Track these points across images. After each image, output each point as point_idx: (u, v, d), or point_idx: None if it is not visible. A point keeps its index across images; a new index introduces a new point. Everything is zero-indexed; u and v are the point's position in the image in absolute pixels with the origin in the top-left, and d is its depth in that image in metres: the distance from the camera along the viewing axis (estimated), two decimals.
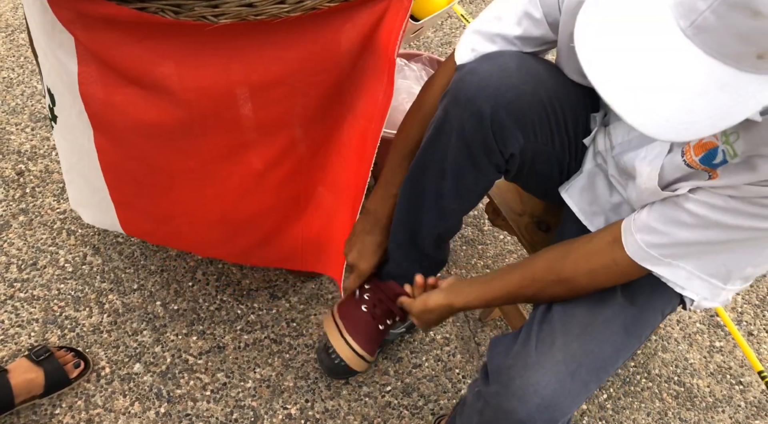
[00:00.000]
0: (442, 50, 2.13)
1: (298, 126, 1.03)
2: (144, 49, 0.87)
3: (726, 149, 0.72)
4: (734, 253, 0.78)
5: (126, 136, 1.00)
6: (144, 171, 1.08)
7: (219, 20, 0.84)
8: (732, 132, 0.71)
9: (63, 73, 0.92)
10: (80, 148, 1.07)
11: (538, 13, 0.91)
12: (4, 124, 1.80)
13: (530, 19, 0.92)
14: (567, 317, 0.90)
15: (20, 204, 1.62)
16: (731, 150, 0.71)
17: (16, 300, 1.44)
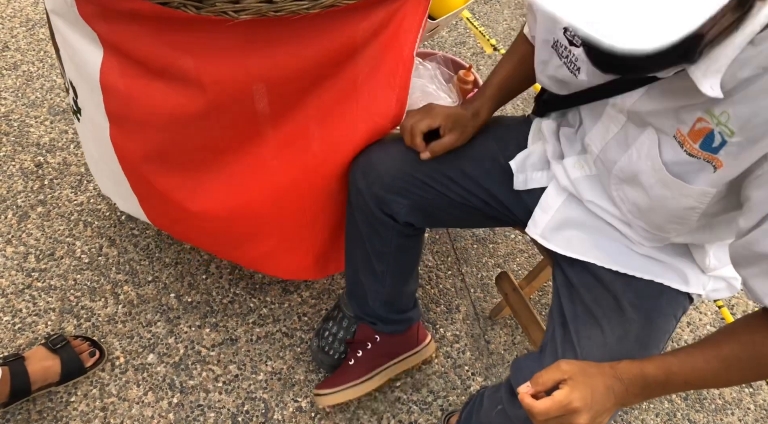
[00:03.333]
0: (456, 50, 2.14)
1: (313, 123, 1.04)
2: (165, 43, 0.89)
3: (721, 130, 0.71)
4: None
5: (141, 131, 1.02)
6: (156, 169, 1.09)
7: (239, 16, 0.86)
8: (720, 112, 0.70)
9: (84, 66, 0.94)
10: (101, 141, 1.09)
11: None
12: (24, 117, 1.83)
13: None
14: (585, 339, 0.89)
15: (38, 195, 1.64)
16: (726, 129, 0.71)
17: (34, 289, 1.46)
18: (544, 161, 1.04)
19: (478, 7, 2.26)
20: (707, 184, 0.75)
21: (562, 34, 0.88)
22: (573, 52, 0.87)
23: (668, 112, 0.77)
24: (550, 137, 1.03)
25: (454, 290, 1.59)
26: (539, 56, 0.95)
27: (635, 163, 0.83)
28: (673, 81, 0.74)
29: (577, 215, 0.98)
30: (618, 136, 0.86)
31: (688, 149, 0.75)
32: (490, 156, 1.06)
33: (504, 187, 1.05)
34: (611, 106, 0.86)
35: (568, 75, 0.90)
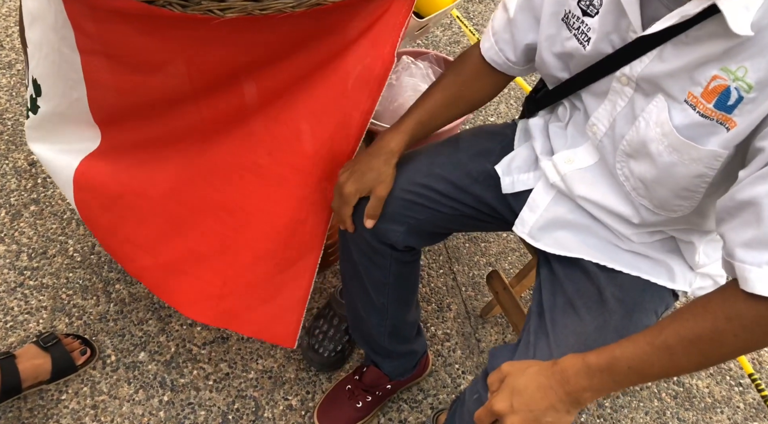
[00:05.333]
0: (450, 49, 2.14)
1: (303, 120, 1.04)
2: (151, 41, 0.89)
3: (738, 85, 0.69)
4: None
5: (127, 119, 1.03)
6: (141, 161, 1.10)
7: (225, 14, 0.86)
8: (737, 67, 0.69)
9: (62, 63, 0.94)
10: (65, 133, 1.10)
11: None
12: (18, 115, 1.84)
13: None
14: (560, 327, 0.89)
15: (32, 194, 1.65)
16: (744, 84, 0.69)
17: (26, 288, 1.47)
18: (531, 163, 1.04)
19: (472, 7, 2.26)
20: (719, 145, 0.74)
21: (575, 4, 0.86)
22: (586, 22, 0.85)
23: (681, 73, 0.75)
24: (539, 134, 1.03)
25: (446, 289, 1.59)
26: (545, 31, 0.92)
27: (643, 132, 0.81)
28: (689, 34, 0.72)
29: (566, 212, 0.98)
30: (625, 109, 0.84)
31: (701, 110, 0.73)
32: (476, 164, 1.06)
33: (492, 192, 1.05)
34: (617, 79, 0.84)
35: (576, 46, 0.88)
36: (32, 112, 1.07)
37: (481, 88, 1.05)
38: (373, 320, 1.19)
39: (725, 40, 0.69)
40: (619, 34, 0.82)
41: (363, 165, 0.99)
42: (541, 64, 0.96)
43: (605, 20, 0.82)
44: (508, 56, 0.98)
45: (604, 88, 0.87)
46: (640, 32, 0.78)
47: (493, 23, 0.99)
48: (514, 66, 1.00)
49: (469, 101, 1.06)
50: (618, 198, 0.91)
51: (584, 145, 0.95)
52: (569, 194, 0.97)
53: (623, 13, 0.78)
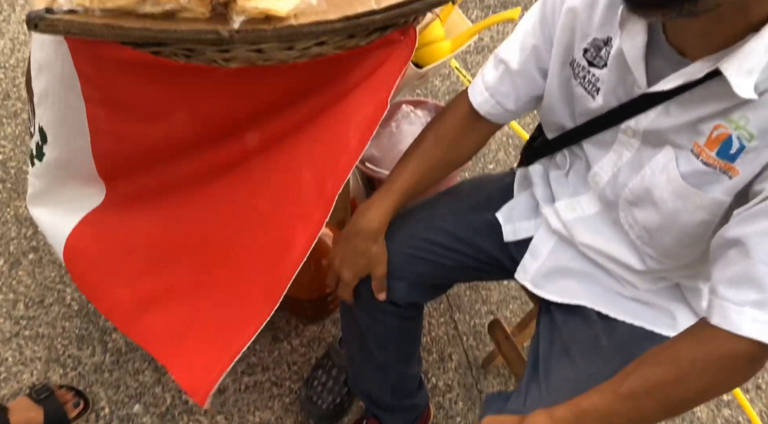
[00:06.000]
0: (449, 98, 2.18)
1: (305, 169, 1.04)
2: (156, 91, 0.91)
3: (740, 134, 0.70)
4: None
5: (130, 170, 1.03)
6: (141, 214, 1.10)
7: (229, 65, 0.88)
8: (739, 117, 0.70)
9: (67, 112, 0.96)
10: (67, 178, 1.10)
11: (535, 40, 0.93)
12: (21, 164, 1.85)
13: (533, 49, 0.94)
14: (554, 374, 0.88)
15: (31, 242, 1.64)
16: (746, 133, 0.70)
17: (21, 338, 1.44)
18: (531, 210, 1.04)
19: (470, 57, 2.32)
20: (722, 193, 0.74)
21: (581, 55, 0.87)
22: (594, 73, 0.86)
23: (686, 126, 0.76)
24: (540, 181, 1.03)
25: (447, 338, 1.57)
26: (556, 79, 0.93)
27: (648, 179, 0.81)
28: (694, 93, 0.74)
29: (568, 260, 0.97)
30: (632, 160, 0.85)
31: (704, 158, 0.74)
32: (477, 214, 1.06)
33: (494, 242, 1.04)
34: (623, 132, 0.85)
35: (583, 95, 0.89)
36: (37, 160, 1.08)
37: (466, 146, 1.04)
38: (374, 375, 1.17)
39: (729, 99, 0.70)
40: (624, 88, 0.83)
41: (353, 249, 0.99)
42: (548, 111, 0.97)
43: (612, 74, 0.84)
44: (507, 107, 0.98)
45: (609, 139, 0.88)
46: (644, 89, 0.79)
47: (485, 78, 0.99)
48: (512, 115, 1.00)
49: (453, 162, 1.05)
50: (622, 246, 0.91)
51: (587, 195, 0.95)
52: (571, 241, 0.96)
53: (629, 70, 0.80)
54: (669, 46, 0.75)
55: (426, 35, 1.22)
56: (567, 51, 0.89)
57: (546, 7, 0.91)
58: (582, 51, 0.87)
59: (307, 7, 0.83)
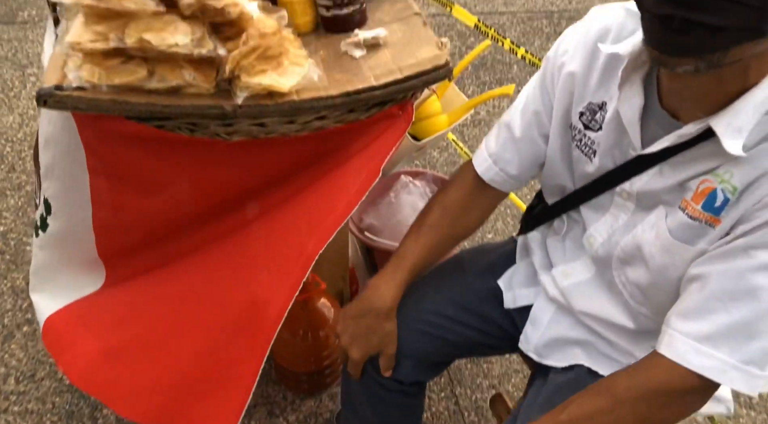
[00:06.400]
0: (447, 169, 2.22)
1: (305, 235, 1.04)
2: (159, 163, 0.92)
3: (725, 187, 0.73)
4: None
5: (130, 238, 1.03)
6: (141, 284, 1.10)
7: (231, 138, 0.90)
8: (724, 171, 0.73)
9: (72, 184, 0.97)
10: (68, 254, 1.10)
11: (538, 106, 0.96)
12: (22, 235, 1.86)
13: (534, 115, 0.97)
14: (532, 419, 0.86)
15: (26, 314, 1.62)
16: (730, 186, 0.72)
17: (10, 414, 1.40)
18: (531, 277, 1.04)
19: (467, 130, 2.37)
20: (707, 243, 0.76)
21: (577, 119, 0.90)
22: (590, 136, 0.89)
23: (678, 186, 0.79)
24: (538, 249, 1.04)
25: (448, 414, 1.52)
26: (557, 143, 0.95)
27: (639, 237, 0.83)
28: (686, 154, 0.77)
29: (567, 329, 0.97)
30: (627, 222, 0.87)
31: (690, 212, 0.76)
32: (481, 281, 1.06)
33: (498, 310, 1.04)
34: (618, 194, 0.87)
35: (581, 157, 0.91)
36: (41, 231, 1.08)
37: (473, 216, 1.05)
38: None
39: (718, 158, 0.73)
40: (620, 151, 0.86)
41: (365, 328, 0.97)
42: (550, 175, 0.98)
43: (608, 137, 0.86)
44: (510, 173, 1.00)
45: (605, 202, 0.90)
46: (639, 151, 0.82)
47: (488, 145, 1.01)
48: (515, 182, 1.02)
49: (460, 235, 1.06)
50: (617, 308, 0.91)
51: (581, 259, 0.96)
52: (569, 309, 0.97)
53: (624, 132, 0.83)
54: (663, 110, 0.79)
55: (424, 109, 1.26)
56: (566, 114, 0.92)
57: (546, 73, 0.94)
58: (578, 114, 0.90)
59: (308, 83, 0.86)
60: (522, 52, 1.56)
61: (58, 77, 0.83)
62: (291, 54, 0.85)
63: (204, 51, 0.79)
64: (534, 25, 2.90)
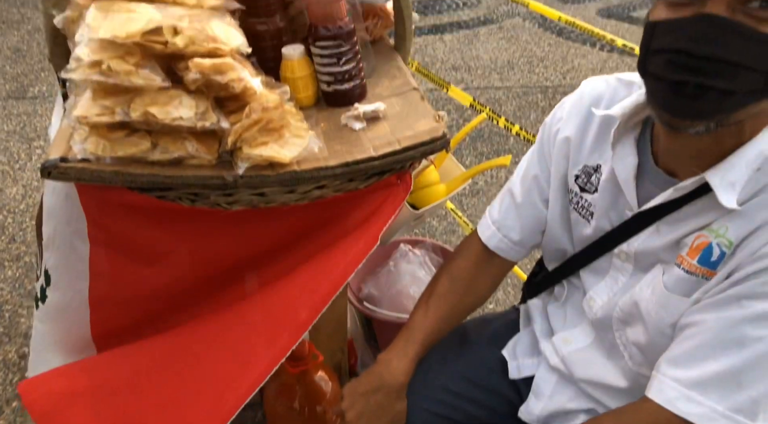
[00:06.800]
0: (446, 238, 2.22)
1: (299, 303, 1.03)
2: (159, 232, 0.93)
3: (720, 242, 0.73)
4: (760, 377, 0.72)
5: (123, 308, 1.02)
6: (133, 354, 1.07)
7: (232, 207, 0.91)
8: (719, 226, 0.74)
9: (71, 254, 0.97)
10: (63, 330, 1.08)
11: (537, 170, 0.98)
12: (17, 307, 1.84)
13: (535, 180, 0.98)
14: None
15: (16, 389, 1.58)
16: (725, 241, 0.73)
17: None
18: (533, 346, 1.02)
19: (466, 199, 2.40)
20: (703, 293, 0.76)
21: (573, 182, 0.92)
22: (586, 198, 0.90)
23: (674, 243, 0.80)
24: (539, 317, 1.03)
25: None
26: (555, 207, 0.96)
27: (636, 295, 0.83)
28: (681, 211, 0.78)
29: (568, 401, 0.96)
30: (626, 284, 0.87)
31: (686, 267, 0.77)
32: (487, 351, 1.05)
33: (504, 380, 1.03)
34: (617, 256, 0.87)
35: (578, 219, 0.93)
36: (41, 302, 1.07)
37: (482, 286, 1.05)
38: None
39: (714, 212, 0.75)
40: (616, 211, 0.87)
41: (375, 406, 0.95)
42: (550, 239, 0.99)
43: (604, 198, 0.88)
44: (513, 239, 1.00)
45: (604, 265, 0.90)
46: (635, 209, 0.83)
47: (492, 212, 1.03)
48: (519, 249, 1.02)
49: (470, 305, 1.05)
50: (616, 373, 0.90)
51: (581, 326, 0.95)
52: (571, 378, 0.96)
53: (620, 192, 0.85)
54: (657, 168, 0.81)
55: (422, 179, 1.28)
56: (563, 179, 0.94)
57: (542, 139, 0.97)
58: (574, 177, 0.92)
59: (309, 154, 0.87)
60: (516, 129, 1.60)
61: (63, 150, 0.85)
62: (292, 126, 0.87)
63: (207, 124, 0.81)
64: (529, 100, 2.99)
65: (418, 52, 3.33)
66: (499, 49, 3.40)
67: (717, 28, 0.64)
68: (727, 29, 0.63)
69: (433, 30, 3.54)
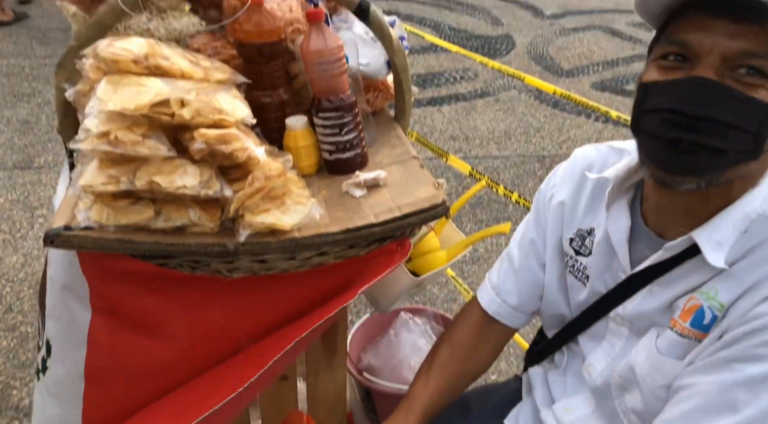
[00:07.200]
0: (447, 306, 2.20)
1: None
2: (158, 301, 0.92)
3: (711, 305, 0.74)
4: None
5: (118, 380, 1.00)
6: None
7: (232, 275, 0.91)
8: (710, 288, 0.75)
9: (72, 323, 0.96)
10: (66, 401, 1.05)
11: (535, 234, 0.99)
12: (9, 378, 1.80)
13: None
14: None
15: None
16: (717, 303, 0.74)
17: None
18: (536, 416, 1.00)
19: (466, 267, 2.39)
20: (695, 355, 0.76)
21: (568, 245, 0.93)
22: (581, 261, 0.91)
23: (667, 305, 0.80)
24: (540, 385, 1.02)
25: None
26: (552, 271, 0.97)
27: (632, 359, 0.83)
28: (673, 272, 0.79)
29: None
30: (623, 349, 0.87)
31: (678, 330, 0.77)
32: (490, 421, 1.03)
33: None
34: (612, 320, 0.88)
35: (574, 282, 0.93)
36: (42, 374, 1.05)
37: (483, 354, 1.04)
38: None
39: (704, 273, 0.76)
40: (611, 274, 0.88)
41: None
42: (548, 304, 0.99)
43: (598, 261, 0.89)
44: (511, 303, 1.00)
45: (601, 330, 0.90)
46: (629, 271, 0.84)
47: (491, 277, 1.04)
48: (518, 314, 1.01)
49: (471, 374, 1.04)
50: None
51: (582, 394, 0.94)
52: None
53: (614, 254, 0.86)
54: (648, 229, 0.83)
55: (422, 246, 1.28)
56: (558, 243, 0.96)
57: (538, 205, 0.99)
58: (569, 241, 0.93)
59: (310, 221, 0.88)
60: (515, 196, 1.62)
61: (67, 218, 0.86)
62: (294, 194, 0.89)
63: (211, 192, 0.82)
64: (527, 168, 3.04)
65: (417, 122, 3.41)
66: (496, 120, 3.49)
67: (708, 90, 0.67)
68: (717, 92, 0.67)
69: (431, 102, 3.65)
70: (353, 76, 1.04)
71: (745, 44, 0.67)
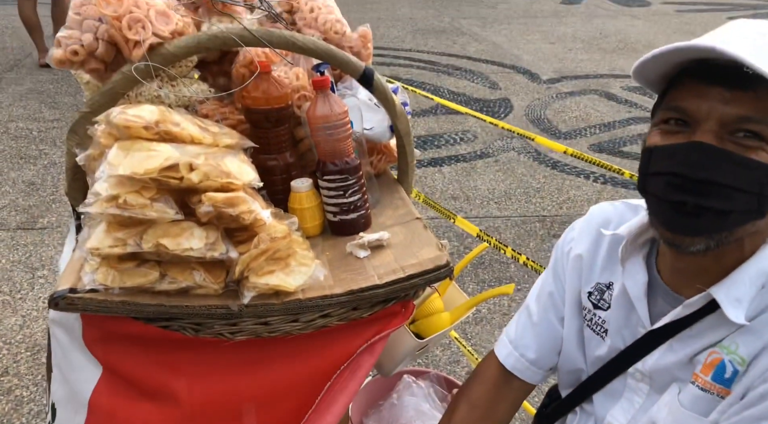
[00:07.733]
0: (450, 368, 2.16)
1: None
2: (160, 364, 0.91)
3: (732, 358, 0.74)
4: None
5: None
6: None
7: (235, 337, 0.90)
8: (730, 343, 0.75)
9: (76, 384, 0.95)
10: None
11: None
12: None
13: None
14: None
15: None
16: (738, 358, 0.74)
17: None
18: None
19: (469, 328, 2.36)
20: (719, 414, 0.75)
21: (586, 298, 0.93)
22: (599, 315, 0.91)
23: (688, 360, 0.80)
24: None
25: None
26: (570, 326, 0.96)
27: (654, 415, 0.82)
28: (693, 328, 0.79)
29: None
30: (643, 406, 0.86)
31: (700, 384, 0.77)
32: None
33: None
34: (632, 376, 0.87)
35: (593, 336, 0.92)
36: None
37: (501, 411, 1.02)
38: None
39: (724, 329, 0.76)
40: (629, 329, 0.87)
41: None
42: (566, 359, 0.98)
43: (617, 315, 0.89)
44: (529, 357, 1.00)
45: (619, 387, 0.89)
46: (648, 327, 0.84)
47: (509, 331, 1.03)
48: (536, 370, 1.00)
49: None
50: None
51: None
52: None
53: (633, 309, 0.86)
54: (665, 285, 0.83)
55: (426, 308, 1.28)
56: (577, 296, 0.96)
57: (556, 259, 1.00)
58: (587, 294, 0.93)
59: (314, 282, 0.88)
60: (524, 258, 1.63)
61: (72, 281, 0.86)
62: (298, 255, 0.89)
63: (216, 254, 0.83)
64: (528, 228, 3.06)
65: (418, 182, 3.46)
66: (495, 180, 3.53)
67: (707, 154, 0.69)
68: (716, 156, 0.69)
69: (432, 162, 3.71)
70: (357, 139, 1.07)
71: (740, 110, 0.69)
